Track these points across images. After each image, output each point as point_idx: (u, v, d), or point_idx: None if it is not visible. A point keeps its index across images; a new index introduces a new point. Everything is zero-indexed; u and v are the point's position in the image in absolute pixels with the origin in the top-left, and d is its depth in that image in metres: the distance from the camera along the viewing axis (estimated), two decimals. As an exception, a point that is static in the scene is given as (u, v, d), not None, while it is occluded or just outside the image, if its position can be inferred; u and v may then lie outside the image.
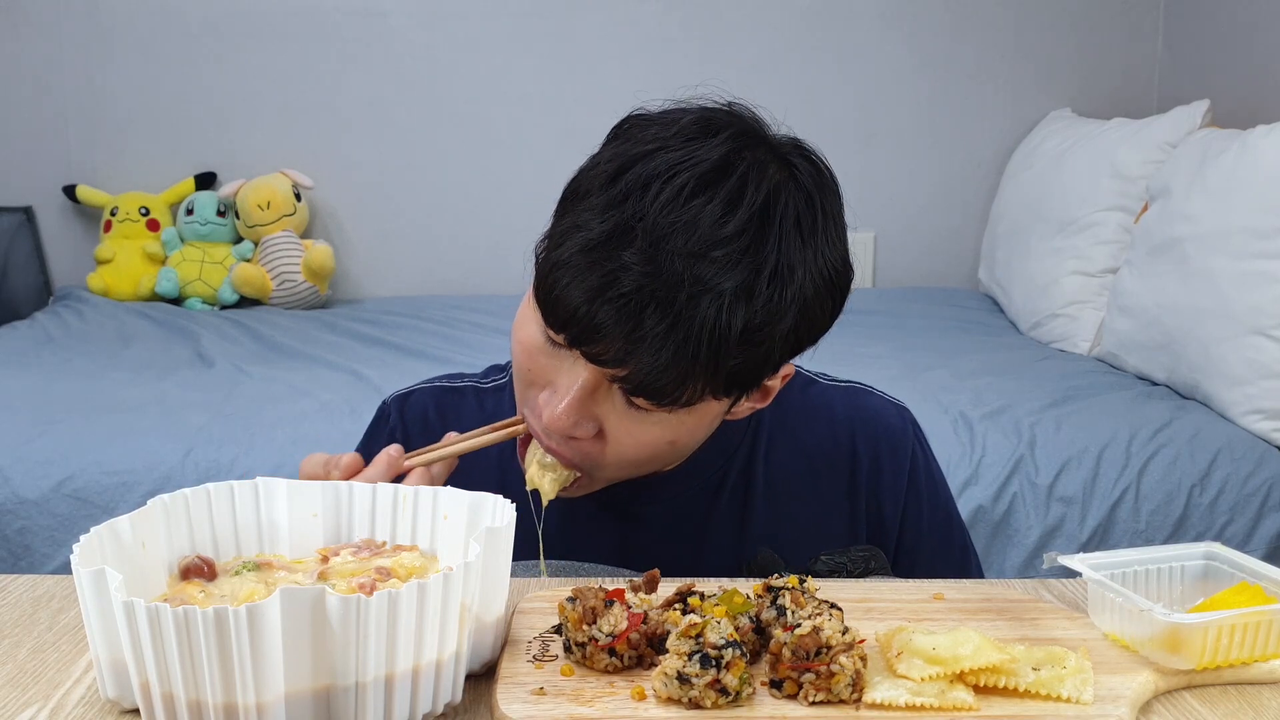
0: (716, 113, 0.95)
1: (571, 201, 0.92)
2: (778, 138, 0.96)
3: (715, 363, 0.88)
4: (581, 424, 0.94)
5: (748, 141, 0.92)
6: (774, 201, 0.90)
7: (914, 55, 3.44)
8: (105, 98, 3.36)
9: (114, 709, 0.76)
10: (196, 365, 2.62)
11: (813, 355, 0.99)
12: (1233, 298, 2.24)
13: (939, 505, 1.17)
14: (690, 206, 0.87)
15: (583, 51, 3.40)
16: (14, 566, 2.00)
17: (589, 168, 0.93)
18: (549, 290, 0.90)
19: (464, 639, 0.75)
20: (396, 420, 1.16)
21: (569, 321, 0.89)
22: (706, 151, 0.90)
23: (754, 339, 0.89)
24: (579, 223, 0.89)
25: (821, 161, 0.98)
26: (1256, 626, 0.79)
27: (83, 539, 0.75)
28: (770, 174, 0.91)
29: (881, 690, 0.74)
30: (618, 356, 0.88)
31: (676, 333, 0.86)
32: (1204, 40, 3.22)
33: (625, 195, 0.88)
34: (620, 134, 0.95)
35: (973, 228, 3.50)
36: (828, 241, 0.93)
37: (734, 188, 0.89)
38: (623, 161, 0.90)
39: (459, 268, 3.42)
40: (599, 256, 0.87)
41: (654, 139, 0.91)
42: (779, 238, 0.89)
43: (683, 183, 0.88)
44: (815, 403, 1.15)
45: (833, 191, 0.97)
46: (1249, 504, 2.10)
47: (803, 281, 0.90)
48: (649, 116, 0.95)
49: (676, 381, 0.89)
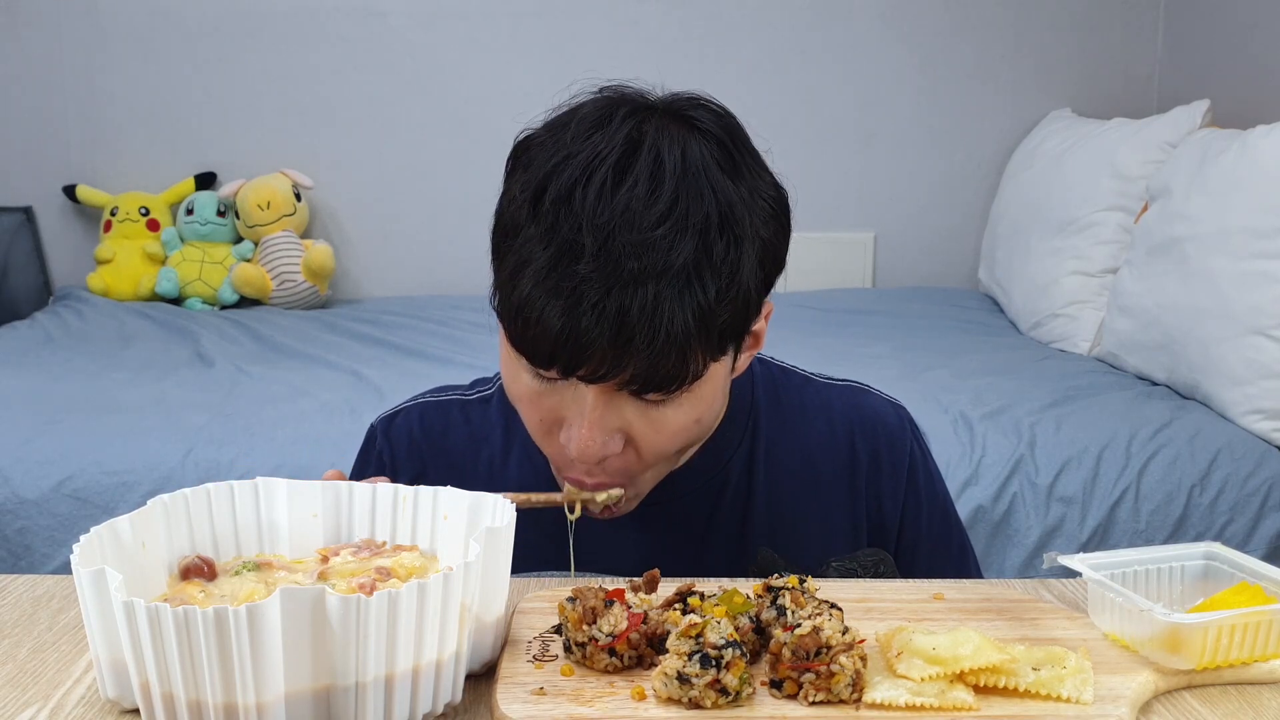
0: (597, 101, 0.95)
1: (505, 242, 0.92)
2: (666, 98, 0.97)
3: (705, 330, 0.89)
4: (609, 441, 0.94)
5: (642, 113, 0.93)
6: (690, 158, 0.90)
7: (914, 55, 3.44)
8: (105, 98, 3.36)
9: (114, 709, 0.76)
10: (196, 365, 2.62)
11: (813, 355, 0.99)
12: (1233, 298, 2.24)
13: (937, 504, 1.17)
14: (618, 198, 0.87)
15: (583, 51, 3.40)
16: (14, 566, 2.00)
17: (505, 205, 0.93)
18: (522, 332, 0.90)
19: (464, 639, 0.75)
20: (383, 443, 1.15)
21: (554, 353, 0.89)
22: (608, 140, 0.90)
23: (729, 291, 0.90)
24: (523, 259, 0.89)
25: (712, 101, 0.98)
26: (1256, 626, 0.79)
27: (83, 539, 0.75)
28: (676, 134, 0.91)
29: (881, 690, 0.74)
30: (613, 366, 0.88)
31: (658, 320, 0.87)
32: (1204, 40, 3.22)
33: (554, 215, 0.88)
34: (519, 162, 0.95)
35: (973, 228, 3.50)
36: (752, 172, 0.94)
37: (649, 162, 0.89)
38: (537, 184, 0.90)
39: (459, 268, 3.42)
40: (555, 281, 0.87)
41: (554, 150, 0.91)
42: (711, 189, 0.90)
43: (601, 179, 0.88)
44: (813, 402, 1.15)
45: (735, 126, 0.97)
46: (1249, 504, 2.10)
47: (749, 218, 0.91)
48: (536, 134, 0.95)
49: (678, 364, 0.89)
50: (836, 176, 3.47)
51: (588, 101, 0.96)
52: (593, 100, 0.96)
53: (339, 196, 3.45)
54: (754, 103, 3.50)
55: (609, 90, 0.98)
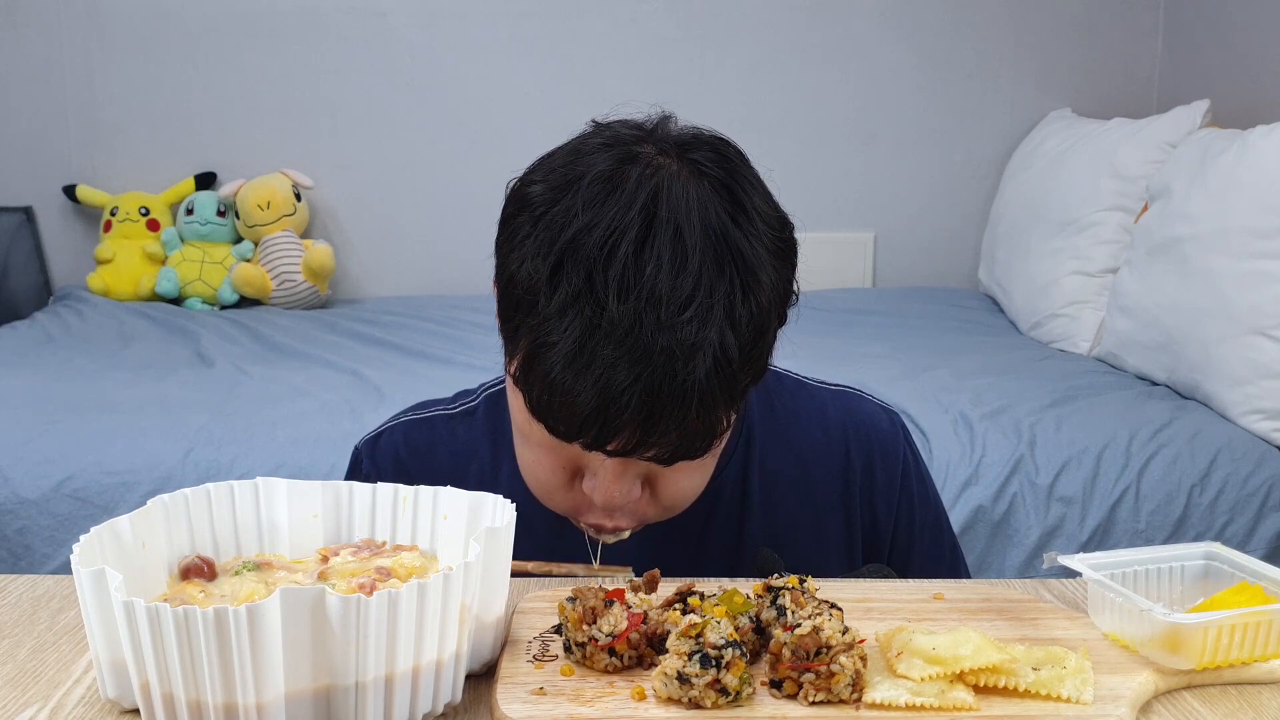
0: (600, 151, 0.91)
1: (522, 316, 0.89)
2: (667, 138, 0.94)
3: (730, 394, 0.89)
4: (633, 488, 0.95)
5: (650, 166, 0.90)
6: (709, 222, 0.88)
7: (914, 55, 3.44)
8: (105, 98, 3.36)
9: (114, 709, 0.76)
10: (196, 365, 2.62)
11: (813, 355, 0.99)
12: (1233, 298, 2.24)
13: (929, 508, 1.18)
14: (642, 277, 0.85)
15: (583, 51, 3.40)
16: (14, 566, 2.00)
17: (515, 271, 0.90)
18: (547, 411, 0.89)
19: (464, 639, 0.75)
20: (369, 466, 1.14)
21: (580, 432, 0.88)
22: (622, 209, 0.87)
23: (753, 352, 0.89)
24: (545, 339, 0.87)
25: (711, 136, 0.95)
26: (1256, 626, 0.79)
27: (83, 539, 0.75)
28: (689, 191, 0.89)
29: (881, 690, 0.74)
30: (641, 443, 0.88)
31: (689, 399, 0.86)
32: (1204, 40, 3.22)
33: (575, 295, 0.86)
34: (521, 220, 0.91)
35: (973, 228, 3.50)
36: (760, 214, 0.92)
37: (669, 232, 0.87)
38: (553, 258, 0.87)
39: (459, 268, 3.42)
40: (582, 365, 0.85)
41: (566, 215, 0.88)
42: (729, 248, 0.88)
43: (623, 255, 0.85)
44: (806, 406, 1.15)
45: (736, 157, 0.94)
46: (1249, 504, 2.10)
47: (766, 266, 0.90)
48: (536, 189, 0.91)
49: (706, 434, 0.89)
50: (836, 176, 3.47)
51: (589, 149, 0.92)
52: (595, 148, 0.92)
53: (339, 196, 3.45)
54: (754, 103, 3.54)
55: (607, 133, 0.94)
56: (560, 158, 0.93)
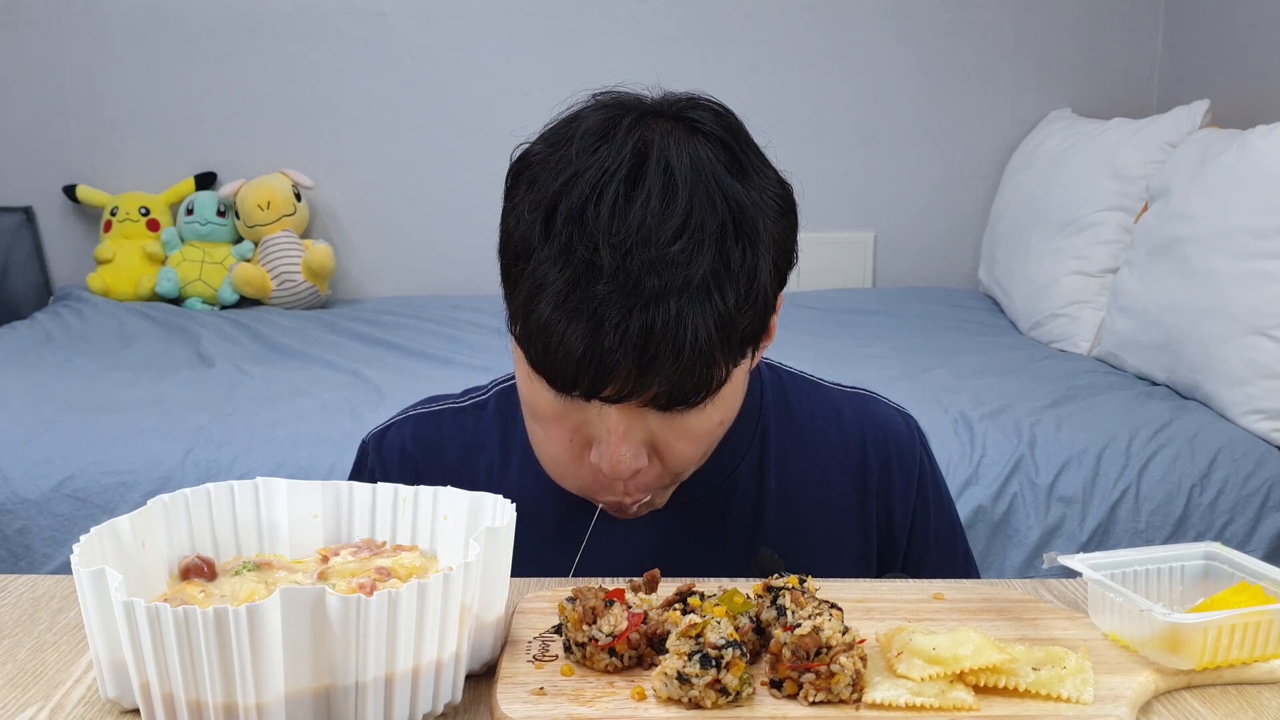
0: (597, 111, 0.94)
1: (517, 265, 0.90)
2: (665, 100, 0.96)
3: (727, 339, 0.88)
4: (639, 453, 0.94)
5: (645, 121, 0.91)
6: (699, 165, 0.89)
7: (914, 55, 3.44)
8: (105, 98, 3.36)
9: (114, 709, 0.76)
10: (196, 365, 2.62)
11: (813, 355, 0.99)
12: (1233, 298, 2.24)
13: (944, 513, 1.17)
14: (631, 214, 0.86)
15: (583, 51, 3.40)
16: (14, 566, 2.00)
17: (513, 226, 0.92)
18: (543, 356, 0.89)
19: (464, 639, 0.75)
20: (375, 459, 1.14)
21: (577, 376, 0.88)
22: (615, 152, 0.88)
23: (748, 297, 0.89)
24: (538, 282, 0.87)
25: (710, 100, 0.97)
26: (1256, 626, 0.79)
27: (83, 539, 0.75)
28: (682, 141, 0.90)
29: (881, 690, 0.74)
30: (637, 385, 0.88)
31: (681, 335, 0.86)
32: (1204, 40, 3.22)
33: (568, 235, 0.87)
34: (520, 179, 0.93)
35: (973, 228, 3.50)
36: (758, 171, 0.93)
37: (659, 174, 0.88)
38: (546, 203, 0.88)
39: (459, 268, 3.43)
40: (575, 305, 0.86)
41: (560, 167, 0.89)
42: (722, 196, 0.89)
43: (613, 195, 0.86)
44: (822, 407, 1.15)
45: (736, 124, 0.96)
46: (1249, 504, 2.10)
47: (761, 220, 0.90)
48: (535, 150, 0.94)
49: (703, 376, 0.89)
50: (836, 176, 3.47)
51: (586, 111, 0.94)
52: (591, 109, 0.94)
53: (339, 196, 3.45)
54: (754, 103, 3.50)
55: (604, 97, 0.96)
56: (557, 121, 0.95)
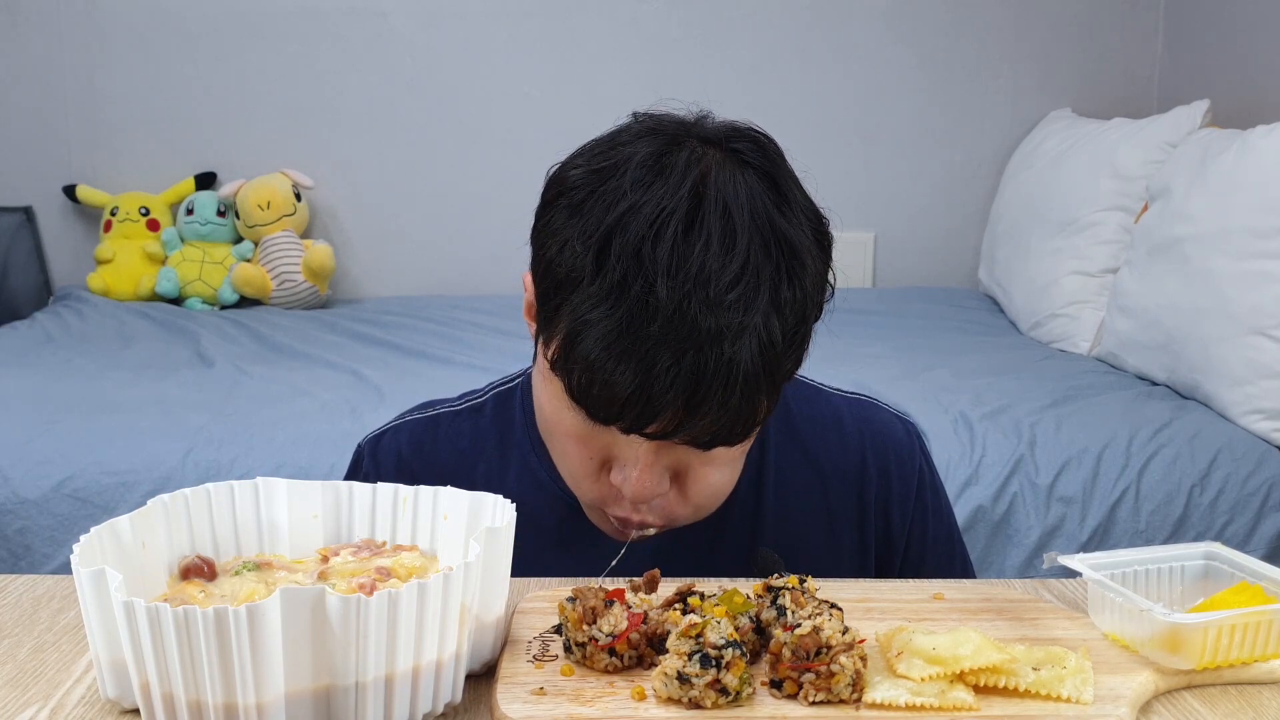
0: (644, 137, 0.92)
1: (562, 295, 0.89)
2: (710, 128, 0.95)
3: (773, 380, 0.89)
4: (663, 480, 0.94)
5: (697, 153, 0.90)
6: (755, 204, 0.89)
7: (914, 55, 3.44)
8: (105, 98, 3.36)
9: (114, 709, 0.76)
10: (196, 365, 2.62)
11: (813, 355, 0.99)
12: (1233, 298, 2.24)
13: (942, 520, 1.17)
14: (689, 258, 0.85)
15: (583, 51, 3.40)
16: (14, 566, 1.99)
17: (558, 253, 0.89)
18: (588, 390, 0.88)
19: (464, 639, 0.75)
20: (370, 465, 1.14)
21: (621, 413, 0.87)
22: (671, 191, 0.87)
23: (795, 336, 0.90)
24: (587, 317, 0.86)
25: (752, 129, 0.96)
26: (1256, 626, 0.79)
27: (83, 539, 0.75)
28: (736, 177, 0.89)
29: (881, 690, 0.74)
30: (683, 425, 0.87)
31: (733, 380, 0.86)
32: (1204, 40, 3.22)
33: (622, 274, 0.85)
34: (562, 203, 0.91)
35: (973, 228, 3.50)
36: (799, 205, 0.93)
37: (717, 214, 0.87)
38: (599, 237, 0.86)
39: (459, 268, 3.43)
40: (627, 345, 0.85)
41: (613, 199, 0.87)
42: (775, 237, 0.88)
43: (671, 236, 0.85)
44: (822, 412, 1.14)
45: (777, 154, 0.95)
46: (1249, 504, 2.10)
47: (810, 252, 0.91)
48: (578, 174, 0.91)
49: (748, 418, 0.89)
50: (836, 176, 3.46)
51: (631, 135, 0.93)
52: (637, 135, 0.92)
53: (339, 196, 3.45)
54: (754, 103, 3.52)
55: (647, 120, 0.95)
56: (601, 145, 0.94)
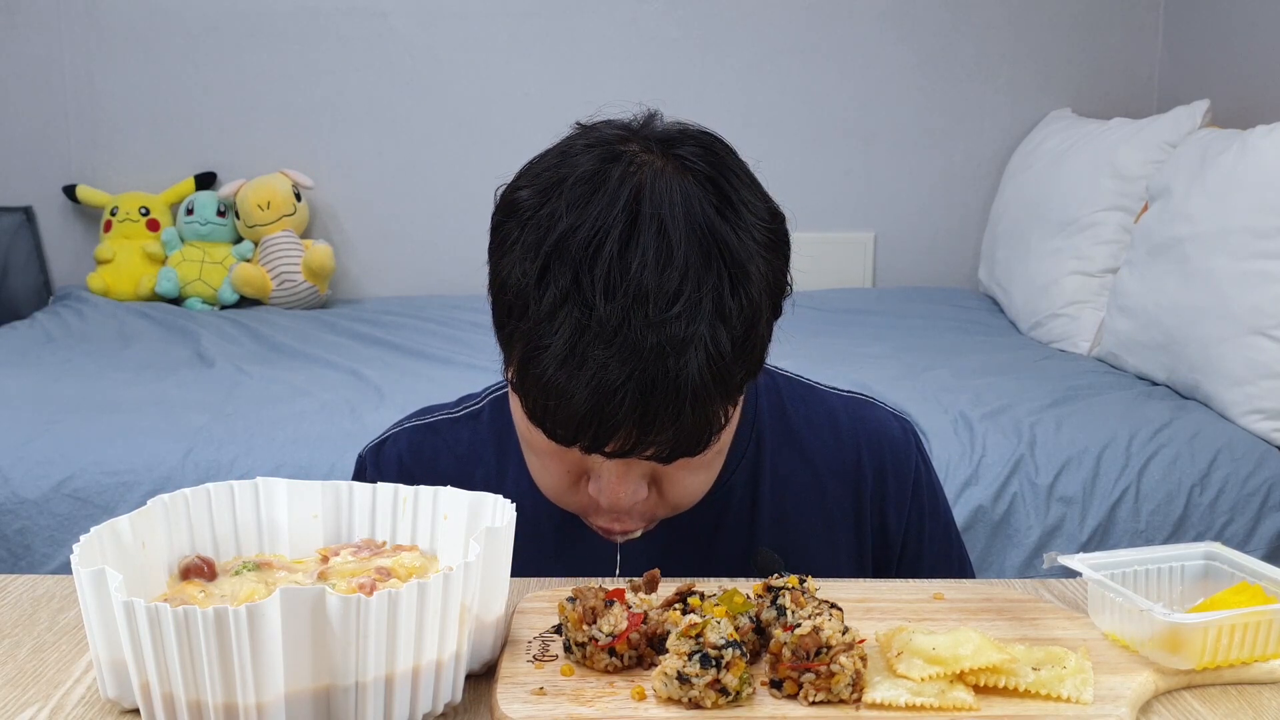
0: (584, 153, 0.91)
1: (514, 322, 0.89)
2: (652, 134, 0.93)
3: (725, 390, 0.88)
4: (639, 488, 0.95)
5: (634, 164, 0.89)
6: (692, 213, 0.87)
7: (914, 55, 3.44)
8: (105, 98, 3.36)
9: (114, 709, 0.76)
10: (196, 365, 2.62)
11: (813, 355, 0.99)
12: (1233, 298, 2.24)
13: (940, 518, 1.17)
14: (628, 276, 0.85)
15: (583, 51, 3.40)
16: (14, 566, 2.00)
17: (505, 276, 0.89)
18: (544, 415, 0.88)
19: (464, 639, 0.75)
20: (373, 473, 1.14)
21: (577, 434, 0.88)
22: (605, 208, 0.86)
23: (745, 343, 0.89)
24: (538, 343, 0.86)
25: (698, 129, 0.95)
26: (1256, 626, 0.79)
27: (83, 539, 0.75)
28: (673, 185, 0.88)
29: (881, 690, 0.74)
30: (638, 442, 0.87)
31: (683, 395, 0.85)
32: (1204, 40, 3.22)
33: (563, 297, 0.85)
34: (508, 225, 0.91)
35: (973, 228, 3.50)
36: (748, 206, 0.91)
37: (653, 229, 0.86)
38: (540, 261, 0.87)
39: (459, 268, 3.42)
40: (574, 367, 0.85)
41: (551, 219, 0.87)
42: (716, 246, 0.87)
43: (608, 254, 0.85)
44: (818, 411, 1.14)
45: (723, 154, 0.93)
46: (1249, 504, 2.10)
47: (754, 264, 0.89)
48: (523, 194, 0.91)
49: (703, 429, 0.89)
50: (836, 176, 3.47)
51: (572, 148, 0.92)
52: (579, 149, 0.92)
53: (339, 196, 3.45)
54: (754, 103, 3.54)
55: (589, 134, 0.94)
56: (546, 161, 0.93)
